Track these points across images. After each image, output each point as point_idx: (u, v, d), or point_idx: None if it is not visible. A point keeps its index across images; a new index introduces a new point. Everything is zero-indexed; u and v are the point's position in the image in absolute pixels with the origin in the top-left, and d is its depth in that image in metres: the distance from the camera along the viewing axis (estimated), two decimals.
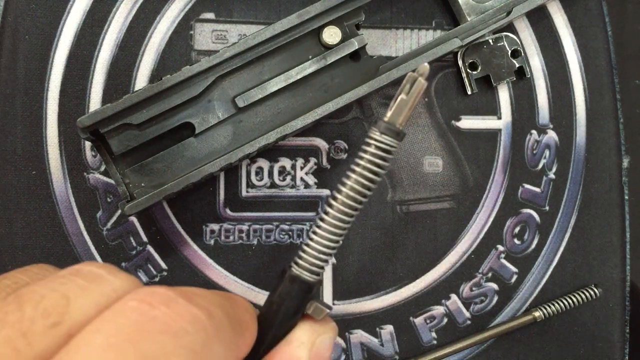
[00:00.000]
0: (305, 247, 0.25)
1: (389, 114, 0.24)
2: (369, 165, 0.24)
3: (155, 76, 0.34)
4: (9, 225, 0.32)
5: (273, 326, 0.25)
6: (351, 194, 0.24)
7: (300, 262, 0.25)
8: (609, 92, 0.37)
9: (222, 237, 0.34)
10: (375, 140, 0.24)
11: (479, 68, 0.36)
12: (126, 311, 0.19)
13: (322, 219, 0.25)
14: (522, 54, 0.36)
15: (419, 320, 0.36)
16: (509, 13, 0.34)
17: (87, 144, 0.33)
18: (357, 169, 0.24)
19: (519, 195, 0.37)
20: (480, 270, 0.36)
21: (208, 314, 0.20)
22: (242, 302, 0.24)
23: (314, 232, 0.25)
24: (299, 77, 0.31)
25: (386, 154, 0.24)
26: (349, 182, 0.24)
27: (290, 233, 0.35)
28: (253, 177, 0.35)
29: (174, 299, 0.19)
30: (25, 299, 0.19)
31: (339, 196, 0.25)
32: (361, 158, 0.24)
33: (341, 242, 0.26)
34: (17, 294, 0.19)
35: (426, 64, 0.24)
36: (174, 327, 0.19)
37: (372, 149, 0.24)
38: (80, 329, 0.18)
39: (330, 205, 0.25)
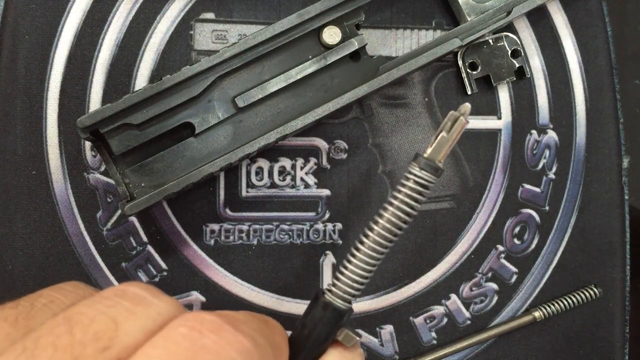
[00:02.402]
0: (340, 275, 0.26)
1: (429, 150, 0.25)
2: (406, 199, 0.25)
3: (155, 76, 0.34)
4: (9, 225, 0.32)
5: (304, 350, 0.26)
6: (388, 226, 0.25)
7: (334, 289, 0.26)
8: (609, 92, 0.37)
9: (222, 237, 0.34)
10: (415, 175, 0.25)
11: (479, 68, 0.36)
12: (176, 338, 0.19)
13: (357, 249, 0.26)
14: (522, 54, 0.36)
15: (419, 320, 0.36)
16: (509, 13, 0.34)
17: (87, 144, 0.33)
18: (395, 202, 0.25)
19: (519, 195, 0.37)
20: (480, 270, 0.36)
21: (254, 342, 0.20)
22: (277, 325, 0.25)
23: (349, 261, 0.26)
24: (299, 77, 0.31)
25: (424, 189, 0.25)
26: (386, 214, 0.25)
27: (290, 233, 0.35)
28: (253, 177, 0.35)
29: (222, 326, 0.20)
30: (74, 321, 0.19)
31: (375, 227, 0.25)
32: (399, 192, 0.25)
33: (374, 271, 0.26)
34: (65, 315, 0.19)
35: (468, 104, 0.25)
36: (223, 355, 0.19)
37: (410, 184, 0.25)
38: (129, 353, 0.18)
39: (367, 236, 0.25)
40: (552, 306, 0.36)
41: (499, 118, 0.37)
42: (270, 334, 0.23)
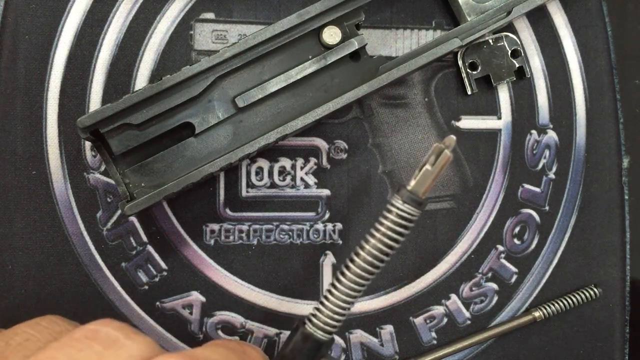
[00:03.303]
0: (320, 306, 0.26)
1: (412, 183, 0.24)
2: (388, 233, 0.24)
3: (155, 76, 0.34)
4: (9, 225, 0.32)
5: None
6: (369, 258, 0.25)
7: (314, 320, 0.26)
8: (609, 92, 0.37)
9: (222, 237, 0.34)
10: (397, 208, 0.24)
11: (479, 68, 0.36)
12: None
13: (339, 280, 0.25)
14: (522, 54, 0.36)
15: (419, 320, 0.36)
16: (509, 13, 0.34)
17: (87, 144, 0.33)
18: (377, 234, 0.25)
19: (519, 195, 0.37)
20: (480, 270, 0.36)
21: None
22: (256, 356, 0.25)
23: (331, 293, 0.25)
24: (299, 77, 0.31)
25: (407, 222, 0.24)
26: (367, 247, 0.25)
27: (290, 233, 0.35)
28: (253, 177, 0.35)
29: None
30: None
31: (357, 259, 0.25)
32: (381, 224, 0.24)
33: (354, 303, 0.26)
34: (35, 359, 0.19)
35: (453, 136, 0.25)
36: None
37: (393, 217, 0.24)
38: None
39: (348, 268, 0.25)
40: (552, 306, 0.36)
41: (499, 118, 0.37)
42: None
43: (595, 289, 0.36)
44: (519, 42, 0.36)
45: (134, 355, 0.20)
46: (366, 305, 0.35)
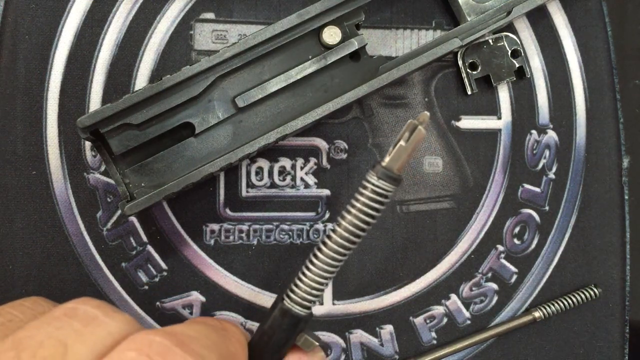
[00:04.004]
0: (298, 282, 0.26)
1: (387, 159, 0.24)
2: (364, 208, 0.25)
3: (155, 76, 0.34)
4: (9, 225, 0.32)
5: (263, 357, 0.26)
6: (345, 234, 0.25)
7: (292, 295, 0.26)
8: (609, 92, 0.37)
9: (222, 237, 0.34)
10: (372, 184, 0.24)
11: (479, 68, 0.36)
12: None
13: (315, 256, 0.26)
14: (522, 54, 0.36)
15: (418, 320, 0.36)
16: (509, 13, 0.34)
17: (87, 144, 0.33)
18: (353, 210, 0.25)
19: (519, 195, 0.37)
20: (480, 270, 0.36)
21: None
22: (235, 332, 0.25)
23: (307, 268, 0.26)
24: (299, 77, 0.31)
25: (382, 198, 0.24)
26: (343, 223, 0.25)
27: (290, 233, 0.35)
28: (253, 177, 0.35)
29: (170, 349, 0.20)
30: (23, 345, 0.18)
31: (333, 235, 0.25)
32: (357, 200, 0.25)
33: (332, 278, 0.26)
34: (13, 339, 0.19)
35: (426, 112, 0.25)
36: None
37: (368, 192, 0.24)
38: None
39: (325, 244, 0.25)
40: (552, 306, 0.36)
41: (499, 118, 0.37)
42: (224, 346, 0.23)
43: (595, 289, 0.36)
44: (519, 42, 0.36)
45: (112, 332, 0.20)
46: (366, 305, 0.35)
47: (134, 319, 0.22)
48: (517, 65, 0.36)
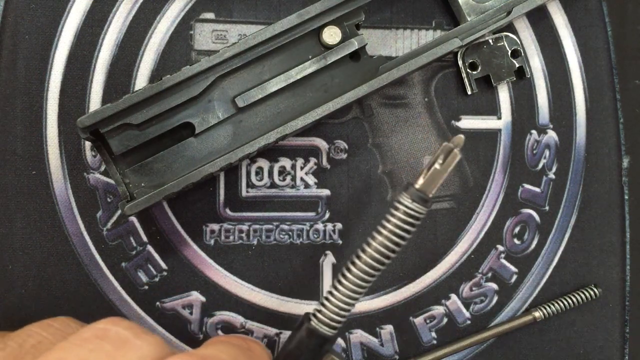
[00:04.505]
0: (326, 302, 0.26)
1: (420, 181, 0.24)
2: (395, 230, 0.24)
3: (155, 76, 0.34)
4: (9, 225, 0.32)
5: None
6: (376, 255, 0.25)
7: (320, 315, 0.26)
8: (609, 92, 0.37)
9: (222, 237, 0.34)
10: (405, 206, 0.24)
11: (479, 68, 0.36)
12: None
13: (344, 276, 0.25)
14: (522, 54, 0.36)
15: (418, 320, 0.36)
16: (509, 13, 0.34)
17: (87, 144, 0.33)
18: (384, 231, 0.25)
19: (519, 195, 0.37)
20: (480, 270, 0.36)
21: None
22: (261, 353, 0.25)
23: (336, 288, 0.26)
24: (299, 77, 0.31)
25: (414, 220, 0.24)
26: (374, 244, 0.25)
27: (290, 233, 0.35)
28: (253, 177, 0.35)
29: None
30: None
31: (363, 256, 0.25)
32: (388, 221, 0.25)
33: (360, 299, 0.26)
34: None
35: (462, 135, 0.25)
36: None
37: (400, 214, 0.24)
38: None
39: (354, 264, 0.25)
40: (552, 306, 0.36)
41: (499, 118, 0.37)
42: None
43: (595, 289, 0.36)
44: (519, 42, 0.36)
45: (144, 355, 0.20)
46: (366, 305, 0.35)
47: (164, 341, 0.22)
48: (517, 65, 0.36)
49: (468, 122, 0.36)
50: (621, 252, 0.37)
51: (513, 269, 0.37)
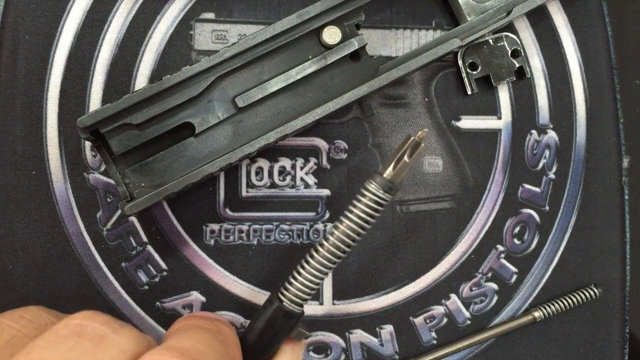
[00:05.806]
0: (292, 280, 0.27)
1: (388, 171, 0.27)
2: (361, 214, 0.26)
3: (155, 76, 0.34)
4: (9, 225, 0.32)
5: (256, 352, 0.27)
6: (342, 237, 0.27)
7: (287, 293, 0.27)
8: (609, 92, 0.37)
9: (222, 237, 0.34)
10: (372, 193, 0.26)
11: (479, 68, 0.36)
12: None
13: (311, 256, 0.27)
14: (522, 54, 0.36)
15: (418, 320, 0.36)
16: (509, 13, 0.34)
17: (87, 144, 0.33)
18: (351, 215, 0.27)
19: (519, 195, 0.37)
20: (480, 270, 0.36)
21: None
22: (230, 334, 0.25)
23: (302, 267, 0.27)
24: (299, 77, 0.31)
25: (379, 206, 0.27)
26: (341, 227, 0.27)
27: (290, 233, 0.35)
28: (253, 177, 0.35)
29: None
30: None
31: (330, 238, 0.27)
32: (355, 206, 0.27)
33: (325, 278, 0.28)
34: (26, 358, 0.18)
35: (425, 129, 0.28)
36: None
37: (366, 200, 0.26)
38: None
39: (322, 245, 0.27)
40: (552, 306, 0.36)
41: (499, 118, 0.37)
42: (226, 353, 0.23)
43: (595, 289, 0.36)
44: (519, 42, 0.36)
45: (124, 350, 0.20)
46: (366, 305, 0.35)
47: (141, 332, 0.22)
48: (517, 65, 0.36)
49: (468, 122, 0.36)
50: (621, 252, 0.37)
51: (513, 269, 0.37)
